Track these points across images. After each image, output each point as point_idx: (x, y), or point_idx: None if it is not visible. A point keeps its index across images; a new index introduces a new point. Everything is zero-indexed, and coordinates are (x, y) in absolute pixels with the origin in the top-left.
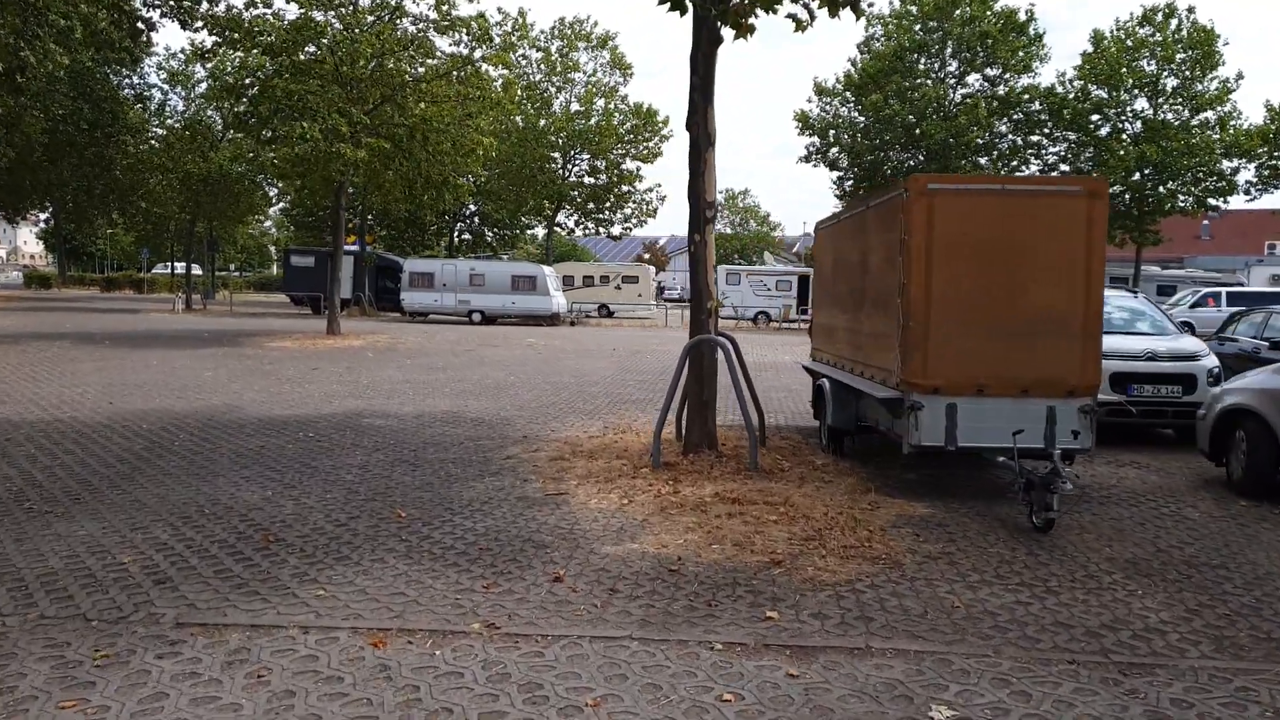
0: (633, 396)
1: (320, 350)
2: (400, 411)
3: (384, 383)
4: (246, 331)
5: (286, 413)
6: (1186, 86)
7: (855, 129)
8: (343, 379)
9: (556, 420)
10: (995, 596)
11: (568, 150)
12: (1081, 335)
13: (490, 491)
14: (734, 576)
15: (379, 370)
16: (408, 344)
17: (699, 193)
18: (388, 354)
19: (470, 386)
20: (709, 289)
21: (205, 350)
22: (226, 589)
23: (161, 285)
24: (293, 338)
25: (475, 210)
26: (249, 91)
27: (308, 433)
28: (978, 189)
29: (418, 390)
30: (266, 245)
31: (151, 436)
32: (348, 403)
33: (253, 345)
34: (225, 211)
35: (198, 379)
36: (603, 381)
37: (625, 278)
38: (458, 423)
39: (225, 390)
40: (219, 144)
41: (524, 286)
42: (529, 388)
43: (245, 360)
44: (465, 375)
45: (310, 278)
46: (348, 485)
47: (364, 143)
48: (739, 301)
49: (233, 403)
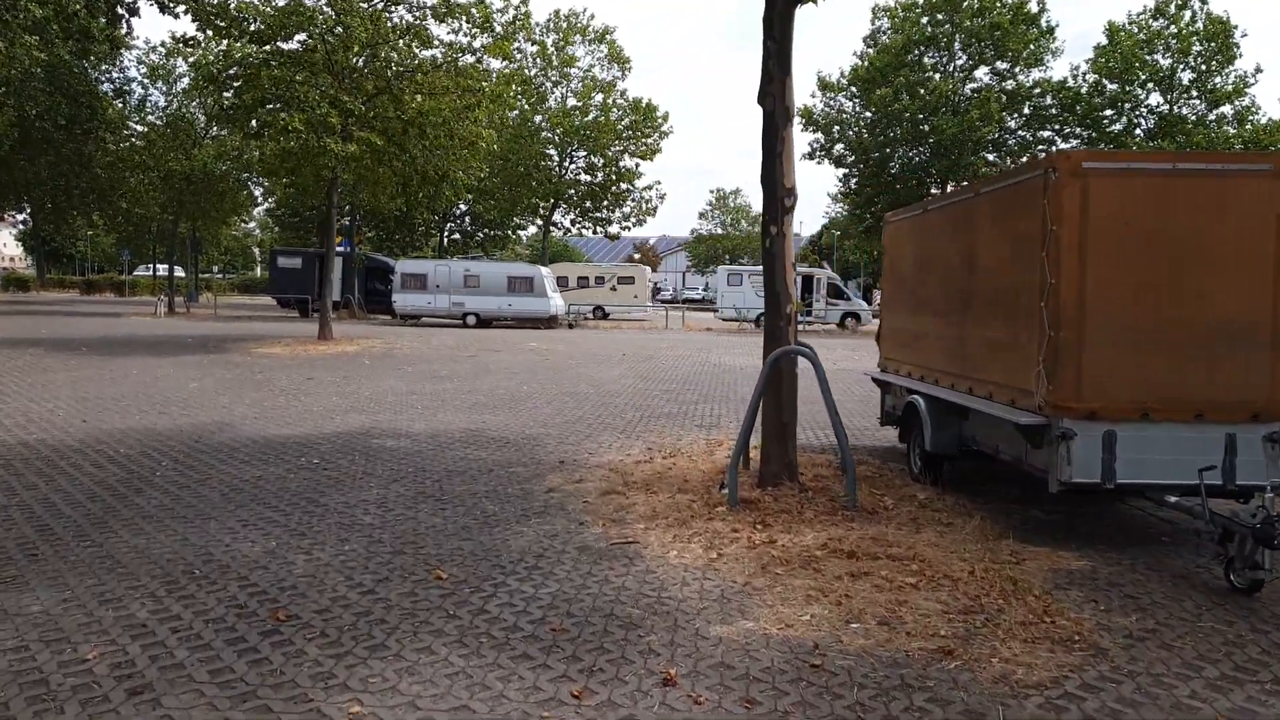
0: (663, 409)
1: (313, 357)
2: (412, 430)
3: (387, 394)
4: (233, 336)
5: (284, 432)
6: (1203, 80)
7: (862, 124)
8: (341, 390)
9: (590, 440)
10: (1257, 703)
11: (564, 147)
12: (1271, 347)
13: (542, 539)
14: (899, 675)
15: (379, 379)
16: (404, 349)
17: (775, 177)
18: (385, 361)
19: (482, 398)
20: (788, 290)
21: (190, 357)
22: (227, 703)
23: (143, 288)
24: (282, 343)
25: (466, 210)
26: (234, 82)
27: (310, 458)
28: (1143, 168)
29: (426, 403)
30: (250, 247)
31: (130, 464)
32: (351, 419)
33: (240, 351)
34: (209, 212)
35: (182, 391)
36: (625, 392)
37: (621, 278)
38: (480, 443)
39: (213, 404)
40: (201, 141)
41: (521, 288)
42: (546, 399)
43: (233, 369)
44: (474, 385)
45: (297, 279)
46: (367, 531)
47: (355, 137)
48: (740, 303)
49: (222, 419)
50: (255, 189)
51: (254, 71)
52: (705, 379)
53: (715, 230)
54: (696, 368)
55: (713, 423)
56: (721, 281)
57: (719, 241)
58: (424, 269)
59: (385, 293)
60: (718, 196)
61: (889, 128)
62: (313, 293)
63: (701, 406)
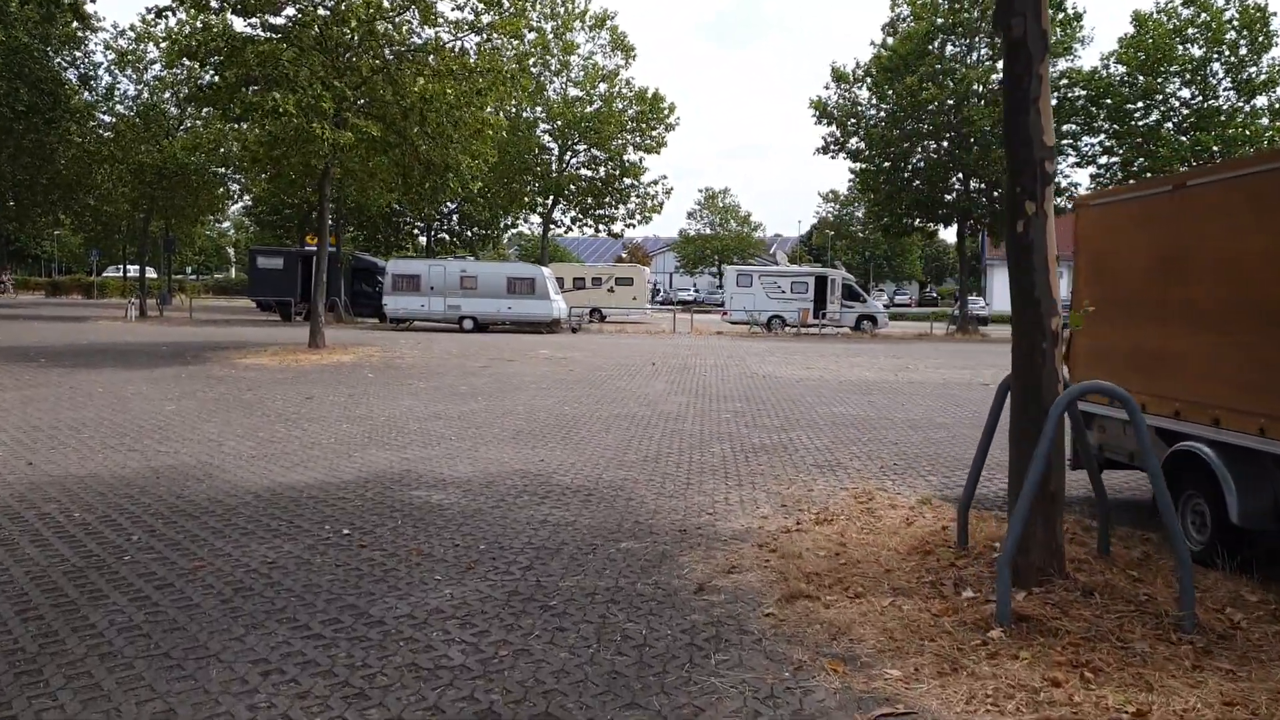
0: (751, 440)
1: (306, 369)
2: (456, 473)
3: (406, 419)
4: (212, 344)
5: (292, 479)
6: (1236, 70)
7: (883, 116)
8: (350, 413)
9: (693, 489)
10: None
11: (565, 140)
12: None
13: (752, 702)
14: None
15: (391, 398)
16: (407, 359)
17: (1030, 131)
18: (389, 373)
19: (523, 423)
20: (1051, 296)
21: (165, 370)
22: None
23: (113, 289)
24: (269, 352)
25: (454, 209)
26: (214, 57)
27: (337, 524)
28: None
29: (458, 432)
30: (225, 247)
31: (86, 538)
32: (373, 457)
33: (223, 363)
34: (182, 209)
35: (158, 416)
36: (688, 414)
37: (619, 279)
38: (553, 496)
39: (197, 435)
40: (174, 132)
41: (521, 289)
42: (601, 424)
43: (217, 385)
44: (505, 405)
45: (278, 281)
46: (463, 682)
47: (350, 124)
48: (751, 305)
49: (210, 460)
50: (232, 184)
51: (238, 45)
52: (767, 396)
53: (704, 230)
54: (746, 381)
55: (830, 461)
56: (730, 282)
57: (708, 242)
58: (417, 269)
59: (372, 295)
60: (707, 196)
61: (913, 119)
62: (295, 295)
63: (795, 435)
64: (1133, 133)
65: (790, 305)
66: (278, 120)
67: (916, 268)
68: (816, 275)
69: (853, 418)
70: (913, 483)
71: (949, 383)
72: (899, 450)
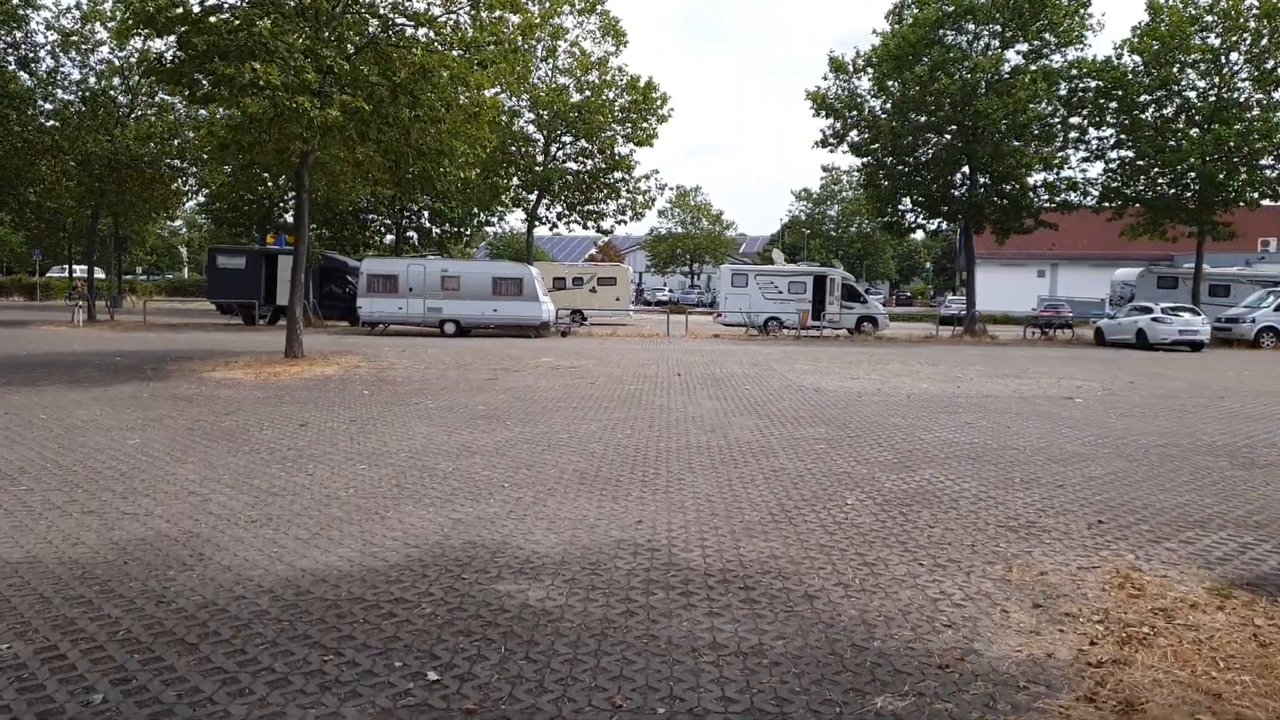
0: (889, 487)
1: (288, 384)
2: (539, 549)
3: (435, 456)
4: (174, 352)
5: (316, 561)
6: (1258, 61)
7: (889, 107)
8: (361, 448)
9: (878, 573)
10: None
11: (550, 130)
12: None
13: None
14: None
15: (402, 424)
16: (398, 370)
17: None
18: (387, 389)
19: (581, 460)
20: None
21: (123, 388)
22: None
23: (58, 291)
24: (241, 363)
25: (426, 205)
26: (179, 25)
27: (409, 661)
28: None
29: (507, 474)
30: (177, 246)
31: (14, 699)
32: (415, 519)
33: (190, 377)
34: (134, 204)
35: (118, 454)
36: (772, 445)
37: (601, 279)
38: (701, 594)
39: (172, 485)
40: (125, 121)
41: (508, 291)
42: (676, 460)
43: (187, 407)
44: (542, 431)
45: (240, 282)
46: None
47: (337, 100)
48: (746, 306)
49: (197, 528)
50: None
51: (208, 9)
52: (840, 416)
53: (675, 229)
54: (798, 396)
55: (1011, 517)
56: (725, 282)
57: (679, 241)
58: (395, 269)
59: (343, 296)
60: (678, 194)
61: (923, 110)
62: (259, 297)
63: (927, 476)
64: (1142, 125)
65: (788, 306)
66: (257, 96)
67: (890, 267)
68: (815, 275)
69: (972, 447)
70: (1150, 551)
71: (1026, 396)
72: (1076, 496)
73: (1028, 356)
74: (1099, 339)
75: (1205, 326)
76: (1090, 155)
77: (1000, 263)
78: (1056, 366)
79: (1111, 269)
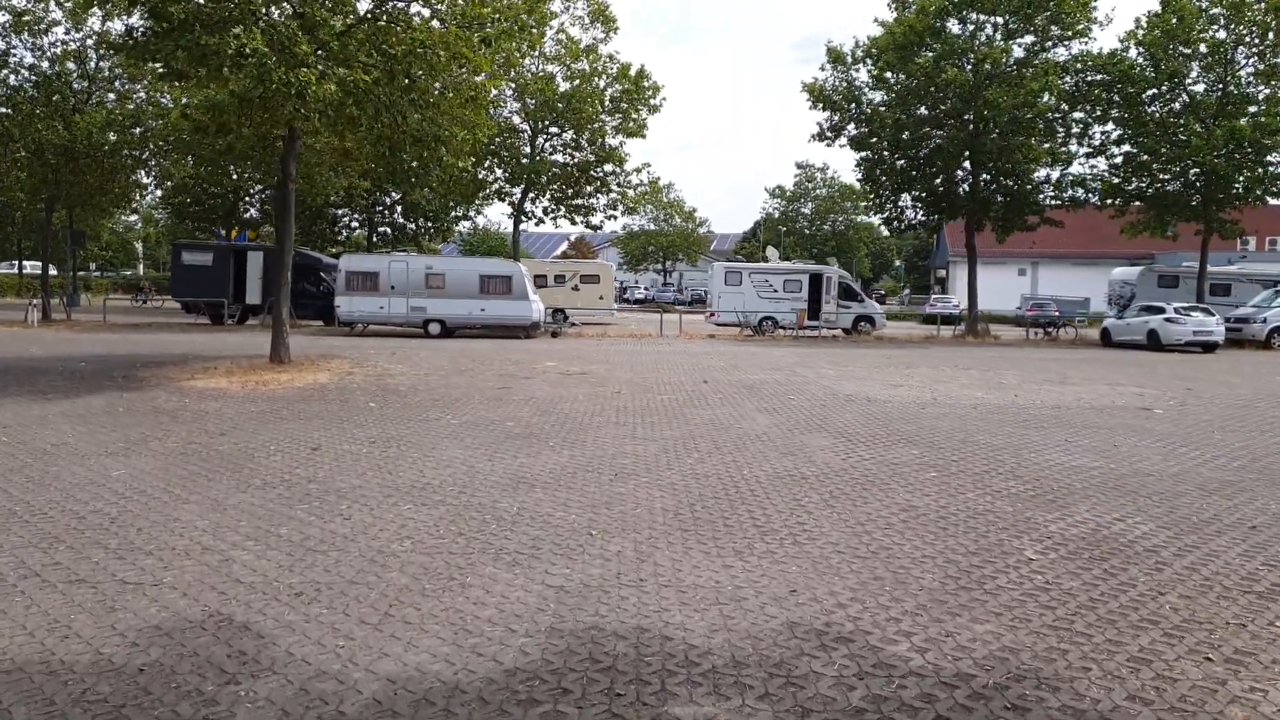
0: (1056, 532)
1: (280, 395)
2: (695, 635)
3: (488, 489)
4: (143, 357)
5: (405, 668)
6: (1265, 56)
7: (892, 100)
8: (395, 480)
9: (1164, 670)
10: None
11: (537, 120)
12: None
13: None
14: None
15: (431, 447)
16: (396, 377)
17: None
18: (393, 400)
19: (672, 495)
20: None
21: (94, 400)
22: None
23: (8, 288)
24: (221, 370)
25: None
26: None
27: None
28: None
29: (585, 517)
30: (132, 242)
31: None
32: (510, 589)
33: (169, 386)
34: (91, 197)
35: (102, 490)
36: (873, 473)
37: (584, 277)
38: (961, 715)
39: (179, 539)
40: (84, 106)
41: (496, 289)
42: (779, 494)
43: (173, 424)
44: (596, 455)
45: (207, 279)
46: None
47: (335, 74)
48: (740, 305)
49: (223, 608)
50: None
51: None
52: (916, 433)
53: (648, 226)
54: (856, 408)
55: (1242, 577)
56: (717, 281)
57: (652, 239)
58: (375, 266)
59: (317, 295)
60: (652, 190)
61: (930, 100)
62: (227, 295)
63: (1084, 514)
64: (1147, 120)
65: (783, 306)
66: (244, 69)
67: (865, 265)
68: (812, 273)
69: (1101, 475)
70: None
71: (1097, 406)
72: None
73: (1049, 359)
74: (1105, 340)
75: (1220, 327)
76: (1093, 151)
77: (981, 261)
78: (1090, 371)
79: (1092, 268)
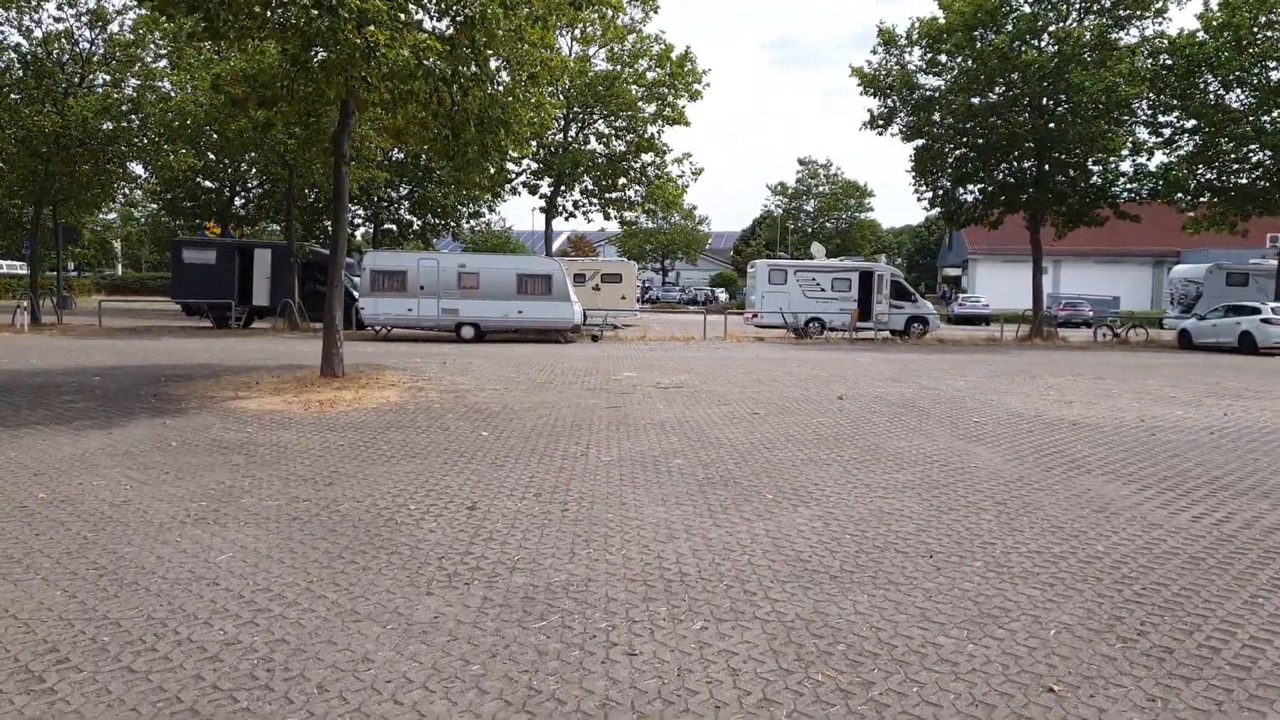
0: None
1: (357, 420)
2: None
3: (758, 579)
4: (163, 369)
5: None
6: None
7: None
8: (633, 569)
9: None
10: None
11: (571, 106)
12: None
13: None
14: None
15: (620, 502)
16: (474, 393)
17: None
18: (502, 428)
19: (979, 586)
20: None
21: (130, 430)
22: None
23: None
24: (267, 386)
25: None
26: None
27: None
28: None
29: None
30: (111, 240)
31: None
32: None
33: (214, 409)
34: (84, 189)
35: (214, 597)
36: (1194, 536)
37: (605, 276)
38: None
39: (388, 705)
40: (78, 90)
41: (535, 289)
42: (1107, 578)
43: (251, 470)
44: (836, 509)
45: (210, 280)
46: None
47: (410, 40)
48: (785, 305)
49: None
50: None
51: None
52: (1194, 468)
53: (647, 225)
54: (1076, 434)
55: None
56: (760, 280)
57: (651, 237)
58: (403, 265)
59: None
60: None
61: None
62: (232, 296)
63: None
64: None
65: (830, 306)
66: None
67: None
68: (862, 270)
69: None
70: None
71: None
72: None
73: (1163, 365)
74: (1184, 342)
75: None
76: (1164, 141)
77: (1001, 259)
78: (1230, 380)
79: (1114, 266)
